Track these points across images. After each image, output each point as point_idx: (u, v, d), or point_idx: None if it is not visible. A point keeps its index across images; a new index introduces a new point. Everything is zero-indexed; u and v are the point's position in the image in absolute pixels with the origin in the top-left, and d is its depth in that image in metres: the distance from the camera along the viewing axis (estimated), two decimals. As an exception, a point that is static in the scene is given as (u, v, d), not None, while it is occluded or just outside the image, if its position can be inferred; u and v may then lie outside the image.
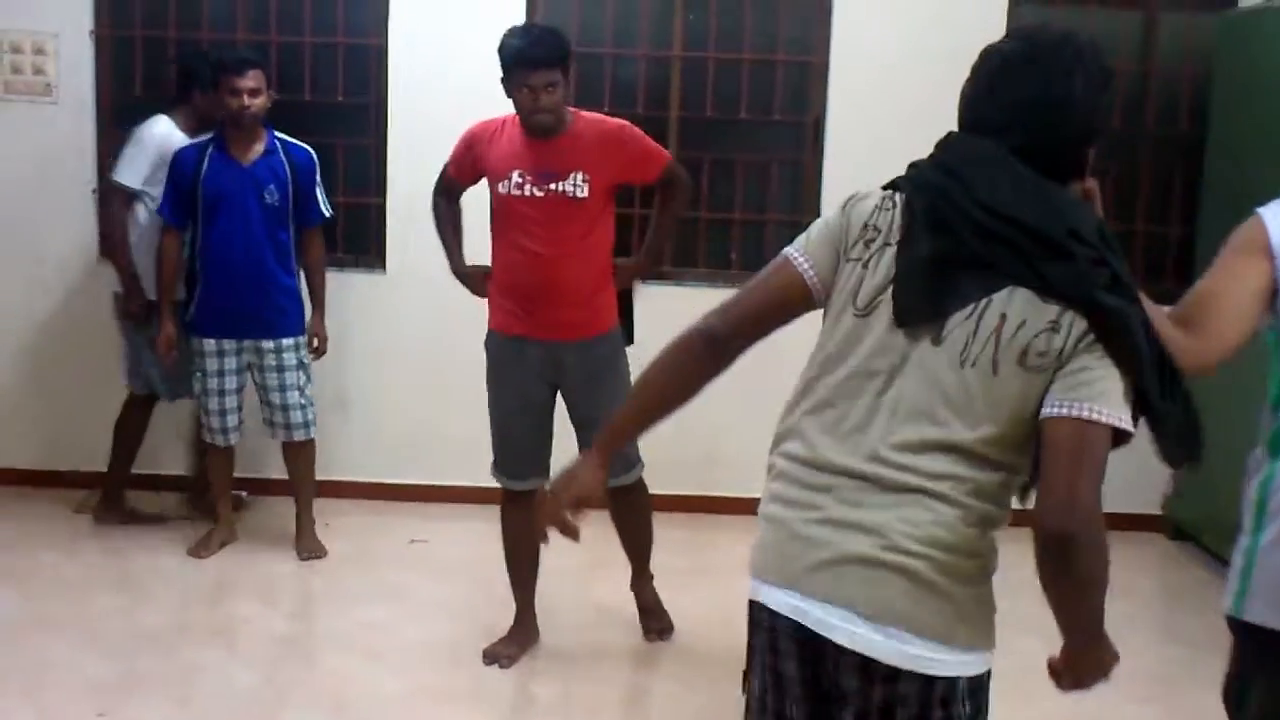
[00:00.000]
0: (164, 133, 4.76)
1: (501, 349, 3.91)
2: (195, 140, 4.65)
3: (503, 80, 3.69)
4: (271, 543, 4.93)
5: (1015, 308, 1.80)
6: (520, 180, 3.73)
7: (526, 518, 3.41)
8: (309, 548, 4.87)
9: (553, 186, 3.71)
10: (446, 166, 4.03)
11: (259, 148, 4.61)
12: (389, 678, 3.89)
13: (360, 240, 5.39)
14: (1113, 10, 5.40)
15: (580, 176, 3.71)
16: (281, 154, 4.64)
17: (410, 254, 5.29)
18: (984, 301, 1.81)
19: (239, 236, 4.59)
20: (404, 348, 5.42)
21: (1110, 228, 1.86)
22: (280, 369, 4.71)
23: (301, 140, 4.74)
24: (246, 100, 4.49)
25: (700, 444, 5.12)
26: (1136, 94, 5.43)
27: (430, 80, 5.26)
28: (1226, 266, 2.13)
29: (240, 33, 5.36)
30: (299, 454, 4.87)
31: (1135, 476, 3.03)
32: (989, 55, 1.93)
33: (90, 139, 5.40)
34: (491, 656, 3.97)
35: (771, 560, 1.94)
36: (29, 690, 3.71)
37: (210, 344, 4.68)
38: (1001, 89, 1.89)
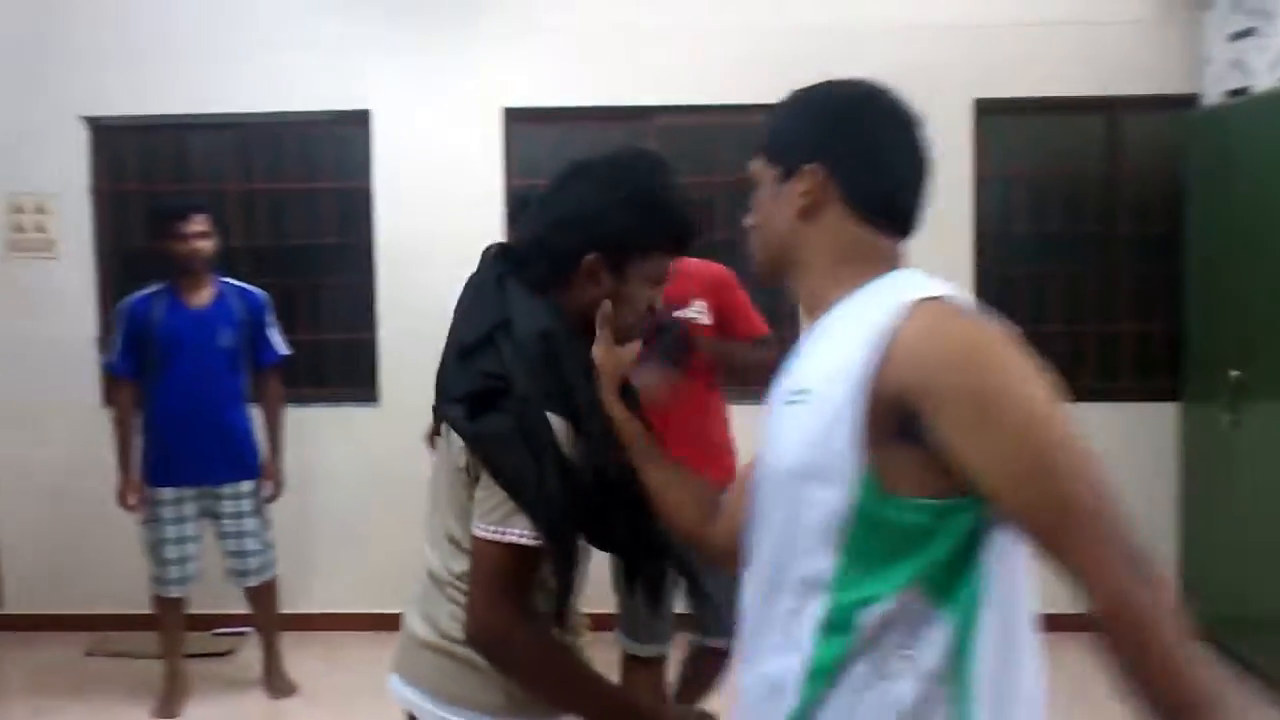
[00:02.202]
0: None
1: None
2: (145, 290, 4.68)
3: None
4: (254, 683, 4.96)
5: None
6: None
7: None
8: (279, 686, 4.88)
9: None
10: None
11: (209, 291, 4.65)
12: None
13: (354, 374, 5.52)
14: (1076, 114, 5.48)
15: None
16: (233, 297, 4.68)
17: (402, 386, 5.43)
18: None
19: (193, 381, 4.58)
20: (399, 478, 5.51)
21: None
22: (238, 515, 4.69)
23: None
24: (193, 244, 4.54)
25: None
26: (1108, 196, 5.50)
27: (413, 220, 5.43)
28: None
29: (231, 182, 5.56)
30: (260, 596, 4.84)
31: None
32: None
33: (92, 290, 5.58)
34: None
35: None
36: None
37: (167, 492, 4.63)
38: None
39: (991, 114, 5.39)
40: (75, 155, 5.53)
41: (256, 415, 4.82)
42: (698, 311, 3.55)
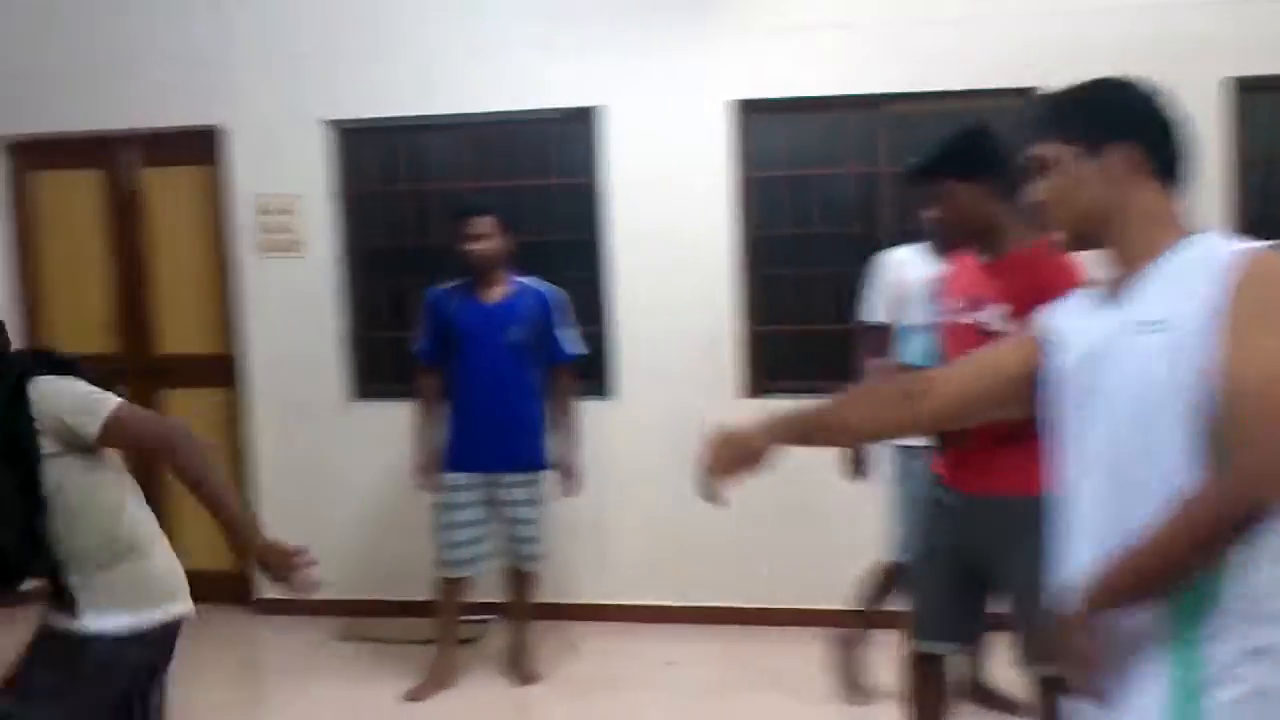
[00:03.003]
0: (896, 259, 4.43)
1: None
2: (448, 284, 4.88)
3: None
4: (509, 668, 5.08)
5: None
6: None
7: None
8: (523, 674, 5.01)
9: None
10: None
11: (503, 288, 4.82)
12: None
13: (587, 368, 5.57)
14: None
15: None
16: (525, 295, 4.83)
17: (637, 381, 5.51)
18: None
19: (484, 374, 4.78)
20: (631, 472, 5.58)
21: None
22: (517, 503, 4.86)
23: (528, 276, 4.94)
24: (473, 245, 4.73)
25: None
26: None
27: (643, 215, 5.46)
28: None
29: (465, 181, 5.68)
30: (523, 583, 5.01)
31: None
32: None
33: (335, 289, 5.79)
34: None
35: None
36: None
37: (455, 478, 4.84)
38: None
39: (1253, 91, 5.12)
40: (318, 158, 5.73)
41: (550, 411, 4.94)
42: (991, 318, 3.11)
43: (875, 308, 4.41)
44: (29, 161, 6.19)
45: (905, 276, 4.16)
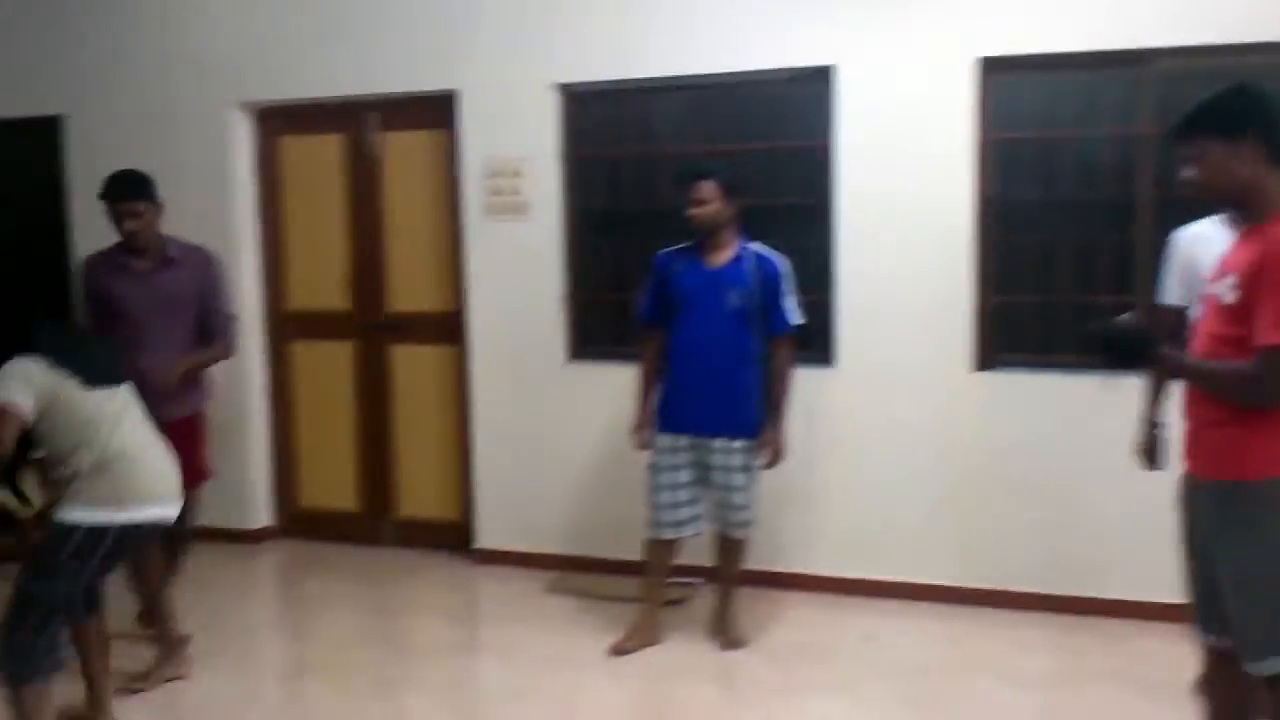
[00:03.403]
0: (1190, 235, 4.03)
1: None
2: (674, 246, 4.90)
3: None
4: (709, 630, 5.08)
5: None
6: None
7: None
8: (730, 638, 4.98)
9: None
10: None
11: (727, 253, 4.80)
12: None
13: (811, 336, 5.48)
14: None
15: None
16: (749, 261, 4.79)
17: (860, 349, 5.43)
18: None
19: (701, 337, 4.78)
20: (852, 440, 5.50)
21: None
22: (727, 468, 4.83)
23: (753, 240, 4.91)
24: (691, 210, 4.73)
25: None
26: None
27: (876, 178, 5.35)
28: None
29: (692, 144, 5.69)
30: (731, 549, 4.99)
31: None
32: None
33: (559, 251, 5.89)
34: None
35: None
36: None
37: (665, 438, 4.87)
38: None
39: None
40: (547, 122, 5.83)
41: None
42: (1223, 289, 2.95)
43: (1169, 289, 4.05)
44: (276, 126, 6.52)
45: (1198, 253, 3.82)
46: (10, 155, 7.00)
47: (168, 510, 3.91)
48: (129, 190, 4.69)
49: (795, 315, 4.85)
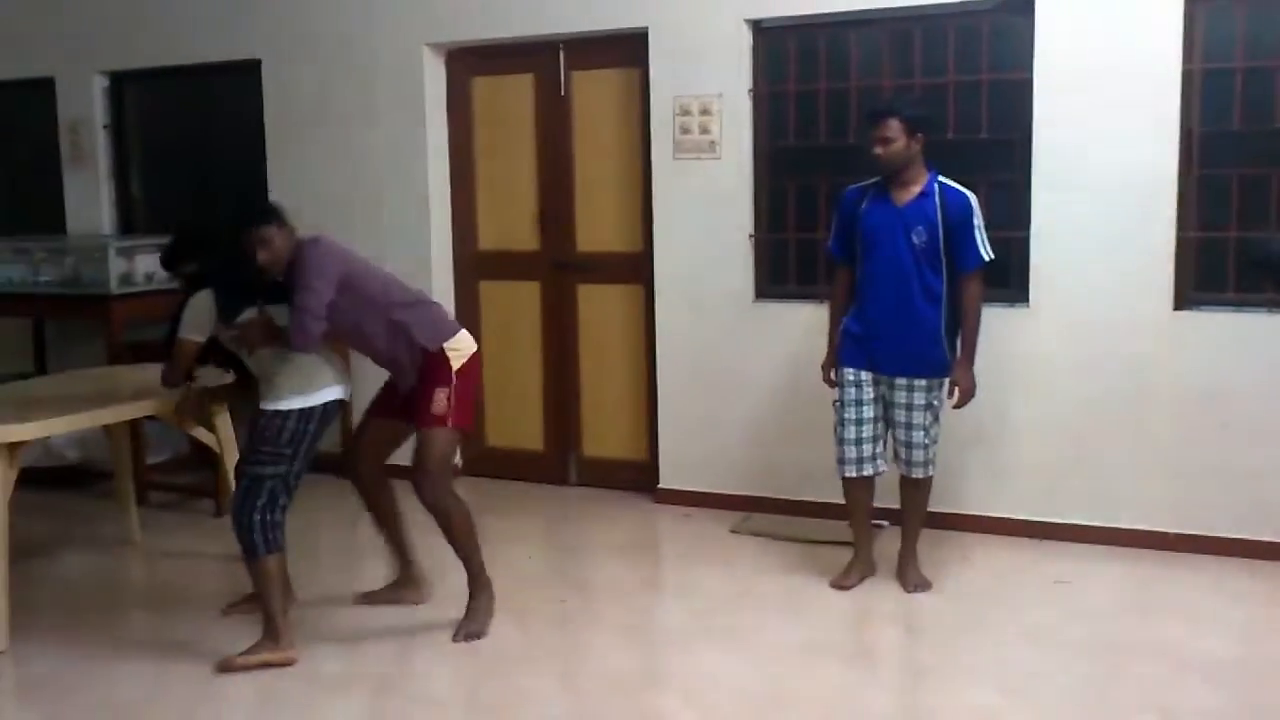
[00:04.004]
0: None
1: None
2: (862, 183, 4.83)
3: None
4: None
5: None
6: None
7: None
8: (914, 580, 4.91)
9: None
10: None
11: (914, 190, 4.69)
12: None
13: (1003, 274, 5.34)
14: None
15: None
16: (936, 197, 4.67)
17: (1055, 288, 5.26)
18: None
19: (887, 275, 4.71)
20: (1043, 381, 5.34)
21: None
22: (909, 407, 4.77)
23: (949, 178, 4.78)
24: (880, 148, 4.64)
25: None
26: None
27: (1073, 115, 5.15)
28: None
29: (885, 79, 5.57)
30: (913, 489, 4.92)
31: None
32: None
33: (748, 190, 5.84)
34: None
35: None
36: (690, 694, 4.05)
37: (849, 373, 4.82)
38: None
39: None
40: (737, 58, 5.78)
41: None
42: None
43: None
44: (467, 66, 6.61)
45: None
46: (215, 98, 7.34)
47: (341, 392, 4.47)
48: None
49: (984, 250, 4.70)
